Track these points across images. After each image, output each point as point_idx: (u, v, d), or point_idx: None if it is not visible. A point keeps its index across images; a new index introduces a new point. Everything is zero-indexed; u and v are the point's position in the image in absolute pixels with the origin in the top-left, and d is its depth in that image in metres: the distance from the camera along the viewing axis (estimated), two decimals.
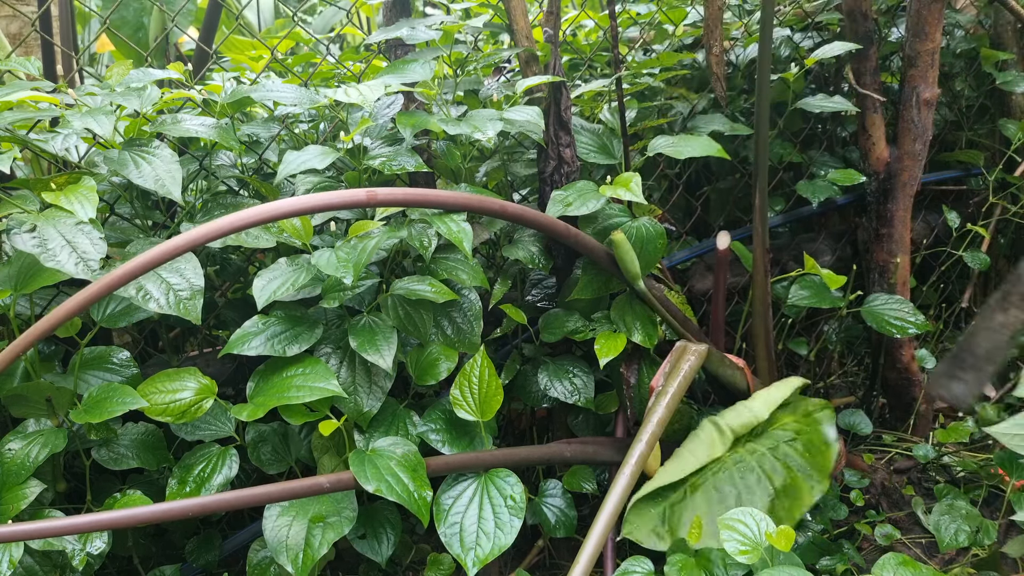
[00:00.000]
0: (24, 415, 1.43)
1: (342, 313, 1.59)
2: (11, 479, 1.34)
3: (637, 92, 2.20)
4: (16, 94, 1.39)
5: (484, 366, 1.55)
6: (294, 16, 1.89)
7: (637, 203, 1.74)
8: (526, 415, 2.03)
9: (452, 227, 1.50)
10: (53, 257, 1.29)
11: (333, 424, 1.43)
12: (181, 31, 2.59)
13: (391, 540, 1.57)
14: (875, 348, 2.29)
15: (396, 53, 1.82)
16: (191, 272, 1.40)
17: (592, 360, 1.73)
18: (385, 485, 1.39)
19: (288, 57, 2.54)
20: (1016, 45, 2.46)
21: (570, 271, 1.83)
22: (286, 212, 1.36)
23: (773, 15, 1.75)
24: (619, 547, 1.73)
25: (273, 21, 3.47)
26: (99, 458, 1.48)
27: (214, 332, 1.95)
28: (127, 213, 1.65)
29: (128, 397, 1.38)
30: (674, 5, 2.37)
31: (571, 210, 1.64)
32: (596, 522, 1.37)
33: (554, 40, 1.76)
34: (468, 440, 1.58)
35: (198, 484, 1.45)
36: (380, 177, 1.72)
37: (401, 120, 1.58)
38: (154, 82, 1.57)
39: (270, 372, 1.49)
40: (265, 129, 1.78)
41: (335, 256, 1.42)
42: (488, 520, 1.45)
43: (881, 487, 2.02)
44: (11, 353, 1.23)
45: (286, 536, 1.41)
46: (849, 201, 2.27)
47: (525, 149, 1.96)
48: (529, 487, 1.59)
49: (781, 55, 2.29)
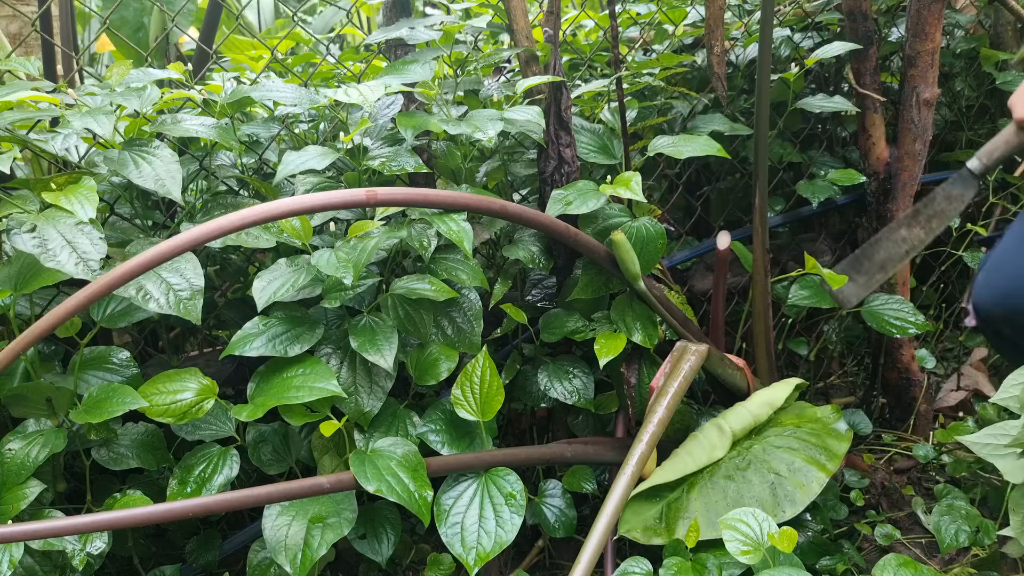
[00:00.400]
0: (24, 415, 1.43)
1: (342, 313, 1.59)
2: (11, 479, 1.34)
3: (637, 92, 2.20)
4: (16, 94, 1.39)
5: (486, 366, 1.55)
6: (294, 16, 1.89)
7: (637, 203, 1.74)
8: (526, 415, 2.03)
9: (452, 227, 1.50)
10: (53, 257, 1.29)
11: (334, 425, 1.43)
12: (181, 31, 2.60)
13: (391, 540, 1.57)
14: (875, 348, 2.29)
15: (396, 53, 1.82)
16: (191, 272, 1.40)
17: (592, 360, 1.72)
18: (385, 485, 1.39)
19: (288, 57, 2.54)
20: (1016, 45, 2.46)
21: (570, 271, 1.83)
22: (286, 212, 1.36)
23: (773, 15, 1.75)
24: (619, 547, 1.73)
25: (273, 21, 3.47)
26: (99, 458, 1.47)
27: (214, 332, 1.95)
28: (127, 213, 1.65)
29: (128, 397, 1.38)
30: (674, 5, 2.37)
31: (571, 209, 1.64)
32: (597, 522, 1.37)
33: (554, 40, 1.76)
34: (468, 440, 1.58)
35: (199, 484, 1.45)
36: (380, 177, 1.72)
37: (401, 120, 1.57)
38: (154, 82, 1.57)
39: (271, 372, 1.49)
40: (265, 129, 1.78)
41: (335, 256, 1.42)
42: (489, 519, 1.45)
43: (881, 487, 2.02)
44: (11, 353, 1.23)
45: (285, 536, 1.41)
46: (849, 201, 2.27)
47: (525, 149, 1.96)
48: (529, 487, 1.59)
49: (781, 55, 2.29)
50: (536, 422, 2.05)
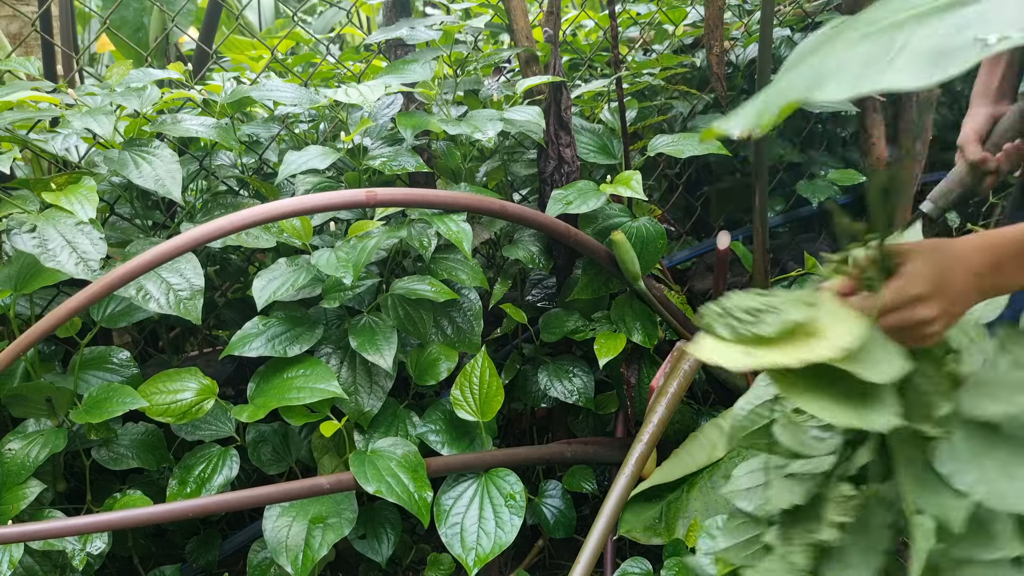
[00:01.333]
0: (24, 415, 1.43)
1: (342, 313, 1.59)
2: (11, 479, 1.34)
3: (637, 92, 2.20)
4: (16, 94, 1.39)
5: (485, 366, 1.55)
6: (294, 16, 1.89)
7: (637, 203, 1.73)
8: (526, 415, 2.03)
9: (452, 227, 1.50)
10: (53, 257, 1.29)
11: (334, 425, 1.43)
12: (181, 31, 2.59)
13: (391, 540, 1.57)
14: None
15: (396, 53, 1.81)
16: (191, 272, 1.40)
17: (592, 360, 1.72)
18: (385, 486, 1.39)
19: (288, 57, 2.54)
20: None
21: (570, 271, 1.83)
22: (286, 212, 1.36)
23: (773, 15, 1.75)
24: (619, 547, 1.73)
25: (273, 21, 3.47)
26: (99, 458, 1.48)
27: (214, 332, 1.95)
28: (127, 213, 1.65)
29: (128, 397, 1.38)
30: (674, 5, 2.37)
31: (571, 208, 1.64)
32: (596, 522, 1.37)
33: (554, 40, 1.76)
34: (468, 440, 1.58)
35: (198, 484, 1.45)
36: (380, 177, 1.72)
37: (401, 120, 1.57)
38: (154, 82, 1.57)
39: (271, 373, 1.49)
40: (265, 129, 1.78)
41: (335, 256, 1.42)
42: (488, 519, 1.45)
43: None
44: (11, 353, 1.23)
45: (286, 537, 1.41)
46: (849, 201, 2.27)
47: (525, 149, 1.96)
48: (529, 487, 1.59)
49: (781, 55, 2.29)
50: (536, 422, 2.05)
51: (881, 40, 0.58)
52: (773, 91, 0.62)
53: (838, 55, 0.60)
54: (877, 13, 0.64)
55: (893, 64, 0.55)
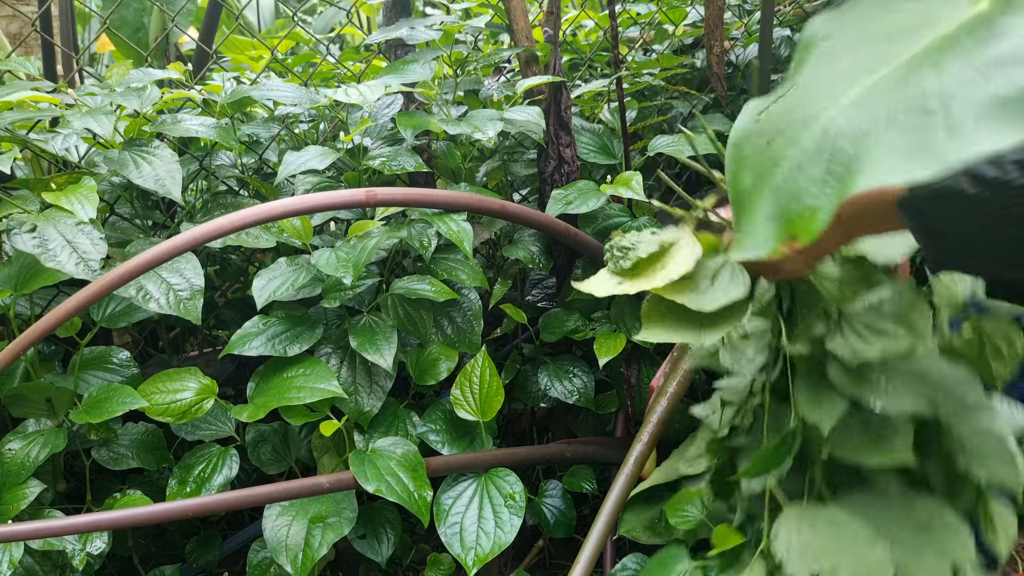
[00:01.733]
0: (24, 415, 1.43)
1: (342, 313, 1.59)
2: (11, 479, 1.34)
3: (637, 92, 2.20)
4: (16, 94, 1.39)
5: (485, 366, 1.55)
6: (294, 16, 1.89)
7: (637, 203, 1.73)
8: (526, 415, 2.03)
9: (452, 227, 1.50)
10: (53, 257, 1.29)
11: (334, 425, 1.43)
12: (181, 31, 2.59)
13: (391, 540, 1.57)
14: None
15: (396, 53, 1.82)
16: (191, 272, 1.40)
17: (592, 360, 1.72)
18: (385, 485, 1.39)
19: (288, 57, 2.54)
20: None
21: (570, 271, 1.82)
22: (286, 212, 1.36)
23: (773, 15, 1.75)
24: (618, 547, 1.73)
25: (273, 21, 3.47)
26: (99, 458, 1.48)
27: (214, 332, 1.95)
28: (127, 213, 1.65)
29: (128, 397, 1.39)
30: (674, 5, 2.37)
31: (571, 208, 1.64)
32: (596, 522, 1.37)
33: (554, 40, 1.76)
34: (468, 440, 1.58)
35: (198, 484, 1.45)
36: (380, 177, 1.72)
37: (401, 120, 1.57)
38: (154, 82, 1.57)
39: (271, 372, 1.49)
40: (265, 129, 1.78)
41: (335, 256, 1.42)
42: (488, 519, 1.45)
43: None
44: (11, 353, 1.23)
45: (286, 536, 1.41)
46: None
47: (525, 149, 1.96)
48: (529, 487, 1.59)
49: (781, 55, 2.29)
50: (536, 422, 2.05)
51: (908, 88, 0.45)
52: (780, 182, 0.50)
53: (850, 111, 0.47)
54: (867, 28, 0.54)
55: (954, 129, 0.42)
